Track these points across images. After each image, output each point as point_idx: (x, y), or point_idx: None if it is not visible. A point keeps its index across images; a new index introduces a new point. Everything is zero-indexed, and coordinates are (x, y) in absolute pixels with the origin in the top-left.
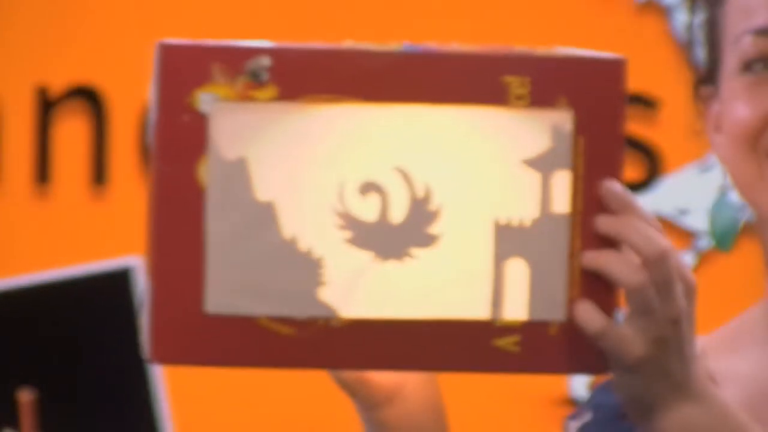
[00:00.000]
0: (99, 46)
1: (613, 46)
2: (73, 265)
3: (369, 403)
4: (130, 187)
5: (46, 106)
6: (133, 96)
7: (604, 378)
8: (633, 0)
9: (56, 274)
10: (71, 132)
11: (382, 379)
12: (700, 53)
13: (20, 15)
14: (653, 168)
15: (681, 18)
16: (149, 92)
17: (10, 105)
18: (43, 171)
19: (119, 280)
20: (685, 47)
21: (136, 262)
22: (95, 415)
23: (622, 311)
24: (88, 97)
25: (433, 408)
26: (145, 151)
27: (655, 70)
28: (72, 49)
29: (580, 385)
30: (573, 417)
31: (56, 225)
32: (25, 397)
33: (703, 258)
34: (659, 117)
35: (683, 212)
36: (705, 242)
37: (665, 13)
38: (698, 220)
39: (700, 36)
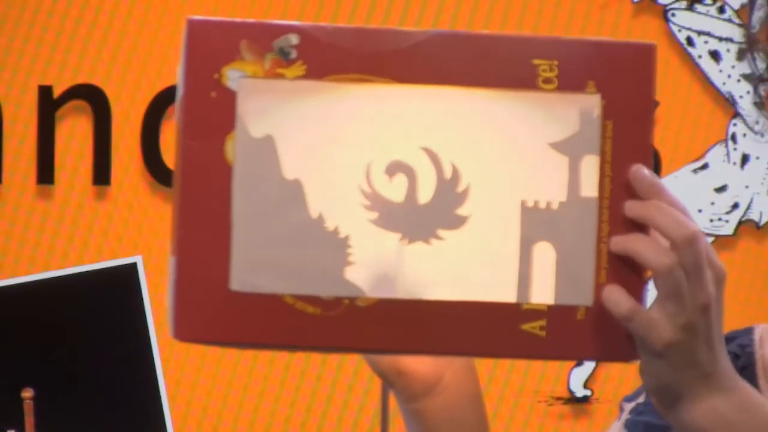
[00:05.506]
0: (102, 47)
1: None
2: (76, 266)
3: (407, 394)
4: (133, 188)
5: (50, 106)
6: (136, 96)
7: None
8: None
9: (59, 273)
10: (74, 132)
11: (420, 370)
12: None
13: (24, 16)
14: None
15: (678, 18)
16: (177, 69)
17: (14, 105)
18: (46, 172)
19: (123, 277)
20: (749, 44)
21: (139, 260)
22: (97, 416)
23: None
24: (91, 98)
25: (471, 398)
26: (147, 152)
27: None
28: (75, 49)
29: (577, 381)
30: (628, 398)
31: (59, 226)
32: (28, 396)
33: None
34: (656, 117)
35: None
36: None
37: (662, 12)
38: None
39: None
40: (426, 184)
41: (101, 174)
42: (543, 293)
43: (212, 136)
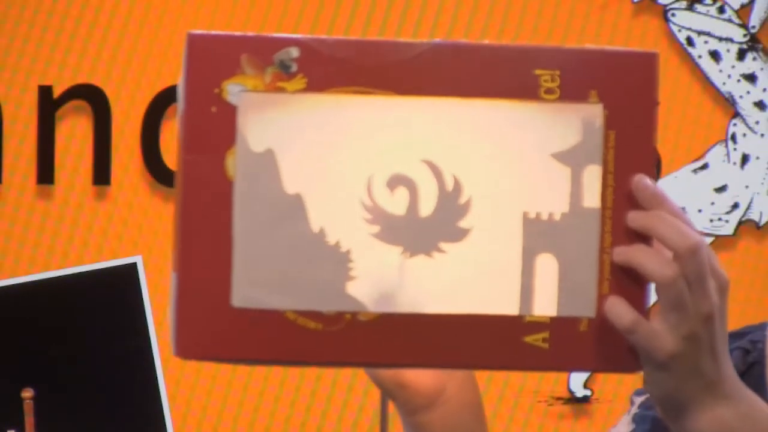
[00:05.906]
0: (102, 47)
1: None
2: (76, 266)
3: (410, 407)
4: (133, 188)
5: (50, 106)
6: (136, 96)
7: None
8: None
9: (59, 273)
10: (74, 132)
11: (422, 383)
12: None
13: (24, 16)
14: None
15: (678, 18)
16: (178, 77)
17: (14, 105)
18: (46, 172)
19: (123, 277)
20: None
21: (139, 260)
22: (97, 416)
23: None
24: (91, 98)
25: (472, 407)
26: (147, 152)
27: None
28: (75, 49)
29: (577, 381)
30: (638, 392)
31: (59, 226)
32: (28, 396)
33: None
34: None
35: None
36: None
37: (662, 12)
38: (694, 220)
39: None
40: (427, 197)
41: (101, 174)
42: (545, 305)
43: (213, 151)
